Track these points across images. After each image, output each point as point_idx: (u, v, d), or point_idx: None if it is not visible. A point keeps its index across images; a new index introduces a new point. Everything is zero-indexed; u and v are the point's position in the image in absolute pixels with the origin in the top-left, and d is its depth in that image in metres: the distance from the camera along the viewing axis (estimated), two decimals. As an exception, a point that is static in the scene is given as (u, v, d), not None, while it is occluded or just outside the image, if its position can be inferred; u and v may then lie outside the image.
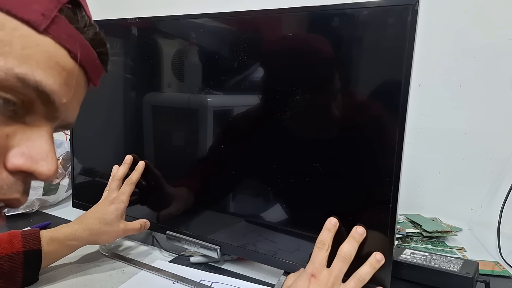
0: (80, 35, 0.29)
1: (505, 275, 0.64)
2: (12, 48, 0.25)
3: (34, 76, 0.26)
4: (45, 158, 0.28)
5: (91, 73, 0.31)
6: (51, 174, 0.28)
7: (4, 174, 0.27)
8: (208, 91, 0.64)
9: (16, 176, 0.28)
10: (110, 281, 0.60)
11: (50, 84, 0.27)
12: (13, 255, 0.54)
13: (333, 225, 0.51)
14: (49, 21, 0.27)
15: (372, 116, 0.52)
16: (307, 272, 0.49)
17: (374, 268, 0.49)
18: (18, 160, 0.27)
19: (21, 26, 0.26)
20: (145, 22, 0.69)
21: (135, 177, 0.70)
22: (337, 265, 0.49)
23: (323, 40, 0.53)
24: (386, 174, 0.49)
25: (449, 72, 0.85)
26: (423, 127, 0.88)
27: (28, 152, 0.28)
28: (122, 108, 0.77)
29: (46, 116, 0.29)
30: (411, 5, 0.45)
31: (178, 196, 0.71)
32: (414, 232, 0.79)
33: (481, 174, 0.86)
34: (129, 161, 0.72)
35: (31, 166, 0.28)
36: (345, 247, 0.49)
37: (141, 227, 0.68)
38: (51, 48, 0.27)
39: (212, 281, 0.61)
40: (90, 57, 0.31)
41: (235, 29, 0.61)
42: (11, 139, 0.27)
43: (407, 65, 0.46)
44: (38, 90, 0.26)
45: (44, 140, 0.28)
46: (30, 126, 0.28)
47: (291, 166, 0.57)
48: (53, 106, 0.28)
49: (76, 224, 0.63)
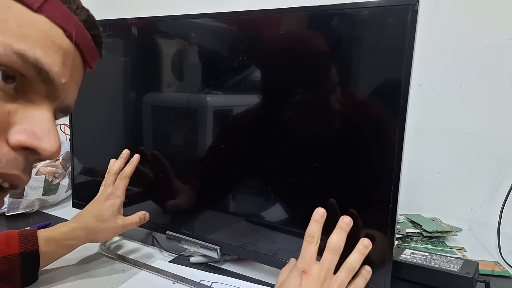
0: (73, 16, 0.30)
1: (505, 275, 0.64)
2: (8, 26, 0.25)
3: (34, 53, 0.26)
4: (47, 135, 0.28)
5: (86, 55, 0.32)
6: (54, 151, 0.28)
7: (5, 149, 0.27)
8: (207, 91, 0.64)
9: (18, 153, 0.27)
10: (110, 281, 0.60)
11: (49, 63, 0.27)
12: (10, 257, 0.54)
13: (321, 215, 0.49)
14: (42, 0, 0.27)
15: (372, 116, 0.52)
16: (298, 268, 0.48)
17: (362, 254, 0.48)
18: (20, 136, 0.27)
19: (15, 4, 0.26)
20: (145, 22, 0.68)
21: (129, 171, 0.68)
22: (327, 257, 0.47)
23: (320, 36, 0.53)
24: (386, 174, 0.49)
25: (449, 72, 0.85)
26: (423, 127, 0.88)
27: (30, 128, 0.27)
28: (122, 108, 0.77)
29: (46, 95, 0.29)
30: (411, 5, 0.45)
31: (184, 191, 0.70)
32: (414, 232, 0.79)
33: (481, 174, 0.86)
34: (125, 155, 0.70)
35: (34, 142, 0.27)
36: (334, 239, 0.48)
37: (140, 219, 0.66)
38: (46, 27, 0.27)
39: (212, 281, 0.60)
40: (84, 38, 0.31)
41: (235, 29, 0.61)
42: (12, 116, 0.27)
43: (407, 65, 0.46)
44: (38, 67, 0.26)
45: (45, 118, 0.28)
46: (31, 104, 0.28)
47: (291, 166, 0.57)
48: (53, 85, 0.28)
49: (73, 223, 0.62)
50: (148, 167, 0.71)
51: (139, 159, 0.70)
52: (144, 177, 0.72)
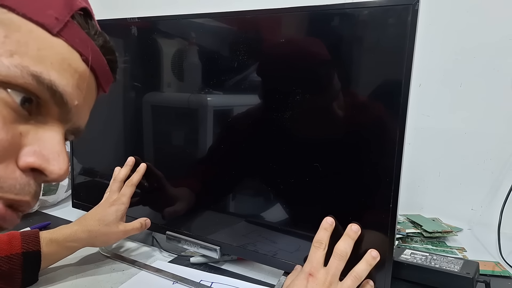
0: (91, 41, 0.31)
1: (505, 275, 0.64)
2: (28, 49, 0.26)
3: (49, 76, 0.27)
4: (56, 158, 0.28)
5: (101, 79, 0.32)
6: (61, 174, 0.29)
7: (18, 173, 0.27)
8: (208, 91, 0.64)
9: (29, 176, 0.28)
10: (110, 282, 0.60)
11: (63, 85, 0.28)
12: (12, 256, 0.54)
13: (330, 224, 0.51)
14: (62, 24, 0.28)
15: (372, 116, 0.52)
16: (304, 272, 0.49)
17: (370, 265, 0.49)
18: (29, 158, 0.27)
19: (36, 28, 0.27)
20: (145, 22, 0.68)
21: (136, 179, 0.69)
22: (334, 263, 0.49)
23: (319, 36, 0.53)
24: (386, 174, 0.49)
25: (449, 72, 0.85)
26: (423, 127, 0.88)
27: (39, 150, 0.28)
28: (122, 107, 0.77)
29: (59, 117, 0.29)
30: (411, 5, 0.45)
31: (181, 197, 0.71)
32: (414, 232, 0.79)
33: (481, 174, 0.85)
34: (131, 163, 0.72)
35: (42, 164, 0.28)
36: (341, 245, 0.49)
37: (142, 226, 0.67)
38: (65, 51, 0.28)
39: (212, 281, 0.60)
40: (100, 63, 0.32)
41: (235, 29, 0.61)
42: (24, 138, 0.27)
43: (407, 65, 0.46)
44: (52, 89, 0.27)
45: (56, 141, 0.29)
46: (43, 125, 0.29)
47: (291, 166, 0.57)
48: (66, 108, 0.29)
49: (76, 225, 0.63)
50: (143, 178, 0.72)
51: (145, 168, 0.71)
52: (141, 187, 0.72)
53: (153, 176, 0.72)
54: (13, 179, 0.27)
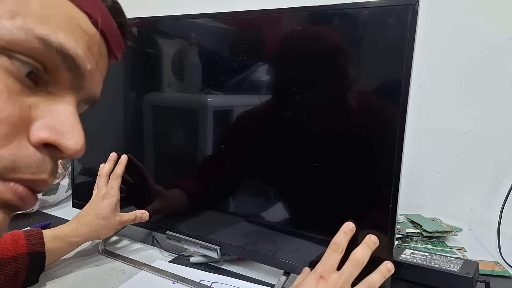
0: (98, 1, 0.27)
1: (505, 275, 0.64)
2: (30, 8, 0.23)
3: (57, 38, 0.24)
4: (71, 131, 0.25)
5: (112, 44, 0.29)
6: (78, 149, 0.26)
7: (31, 150, 0.24)
8: (208, 91, 0.64)
9: (43, 152, 0.25)
10: (110, 281, 0.60)
11: (74, 47, 0.25)
12: (18, 256, 0.54)
13: (351, 229, 0.50)
14: None
15: (372, 116, 0.52)
16: (316, 272, 0.48)
17: (384, 277, 0.48)
18: (42, 132, 0.24)
19: None
20: (145, 22, 0.68)
21: (120, 170, 0.71)
22: (348, 269, 0.47)
23: (321, 37, 0.53)
24: (386, 174, 0.49)
25: (449, 72, 0.85)
26: (423, 127, 0.88)
27: (52, 124, 0.25)
28: (122, 108, 0.77)
29: (70, 85, 0.26)
30: (411, 5, 0.45)
31: (164, 193, 0.72)
32: (414, 232, 0.79)
33: (481, 174, 0.85)
34: (113, 158, 0.73)
35: (57, 138, 0.25)
36: (359, 252, 0.48)
37: (137, 217, 0.69)
38: (71, 10, 0.25)
39: (212, 281, 0.60)
40: (110, 26, 0.28)
41: (235, 29, 0.61)
42: (33, 110, 0.24)
43: (407, 65, 0.46)
44: (63, 53, 0.24)
45: (69, 112, 0.26)
46: (53, 97, 0.26)
47: (291, 166, 0.57)
48: (79, 72, 0.26)
49: (75, 222, 0.64)
50: (127, 171, 0.73)
51: (127, 159, 0.72)
52: (125, 182, 0.73)
53: (135, 168, 0.73)
54: (28, 156, 0.24)
